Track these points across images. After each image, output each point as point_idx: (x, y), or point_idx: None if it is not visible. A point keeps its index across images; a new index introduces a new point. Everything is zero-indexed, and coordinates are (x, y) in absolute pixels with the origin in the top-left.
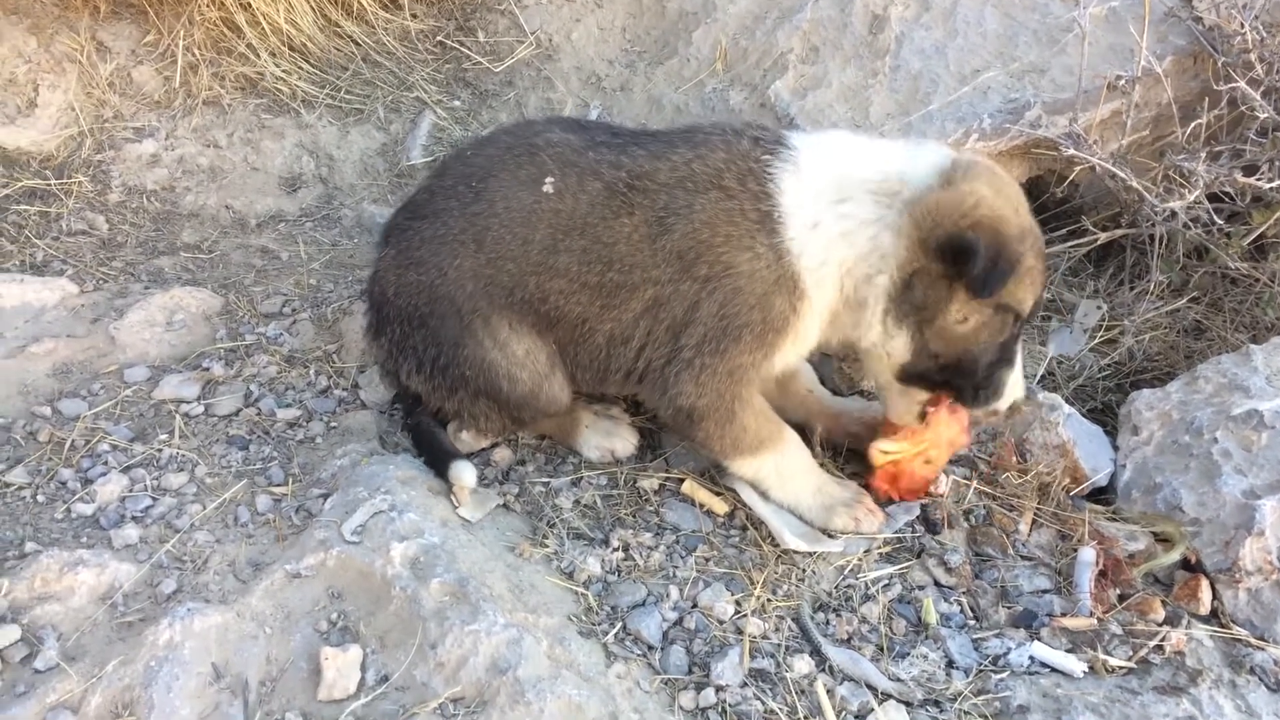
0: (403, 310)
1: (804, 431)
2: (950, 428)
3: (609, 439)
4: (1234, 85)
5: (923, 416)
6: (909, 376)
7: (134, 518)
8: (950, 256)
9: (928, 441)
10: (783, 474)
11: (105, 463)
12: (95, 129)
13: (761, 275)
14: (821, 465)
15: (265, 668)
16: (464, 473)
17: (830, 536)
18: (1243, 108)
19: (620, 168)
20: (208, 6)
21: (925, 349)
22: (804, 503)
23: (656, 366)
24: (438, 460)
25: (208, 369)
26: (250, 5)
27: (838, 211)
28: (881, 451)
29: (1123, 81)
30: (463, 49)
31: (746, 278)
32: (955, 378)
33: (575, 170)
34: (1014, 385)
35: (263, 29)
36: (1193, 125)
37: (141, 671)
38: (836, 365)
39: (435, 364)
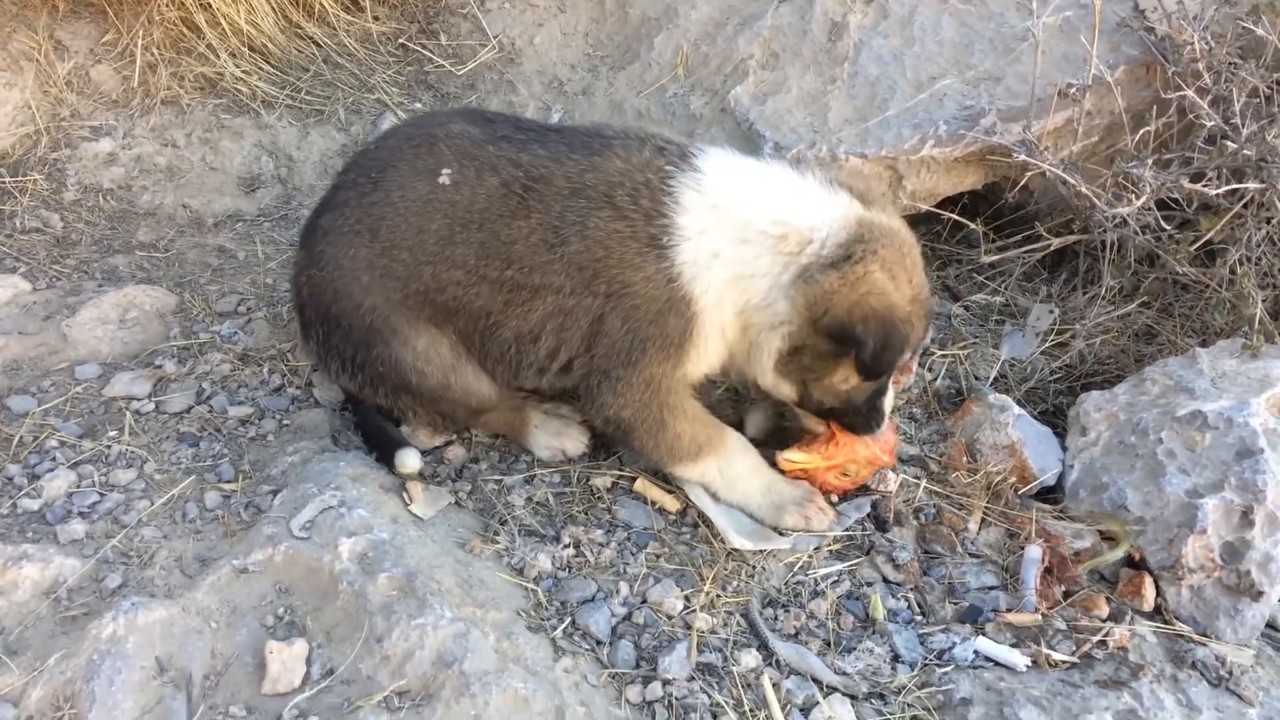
0: (318, 311)
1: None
2: (869, 448)
3: (559, 438)
4: (1182, 94)
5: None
6: (800, 408)
7: (80, 513)
8: (838, 341)
9: (842, 457)
10: (728, 477)
11: (53, 459)
12: (52, 127)
13: (654, 295)
14: None
15: (210, 662)
16: (408, 458)
17: (781, 534)
18: (1191, 116)
19: (519, 166)
20: (167, 6)
21: (810, 396)
22: (753, 503)
23: (579, 374)
24: (384, 449)
25: (160, 367)
26: (210, 5)
27: (737, 254)
28: (788, 460)
29: (1074, 90)
30: (425, 52)
31: (641, 297)
32: (841, 417)
33: (474, 163)
34: (889, 403)
35: (223, 29)
36: (1141, 133)
37: (84, 665)
38: None
39: (354, 362)
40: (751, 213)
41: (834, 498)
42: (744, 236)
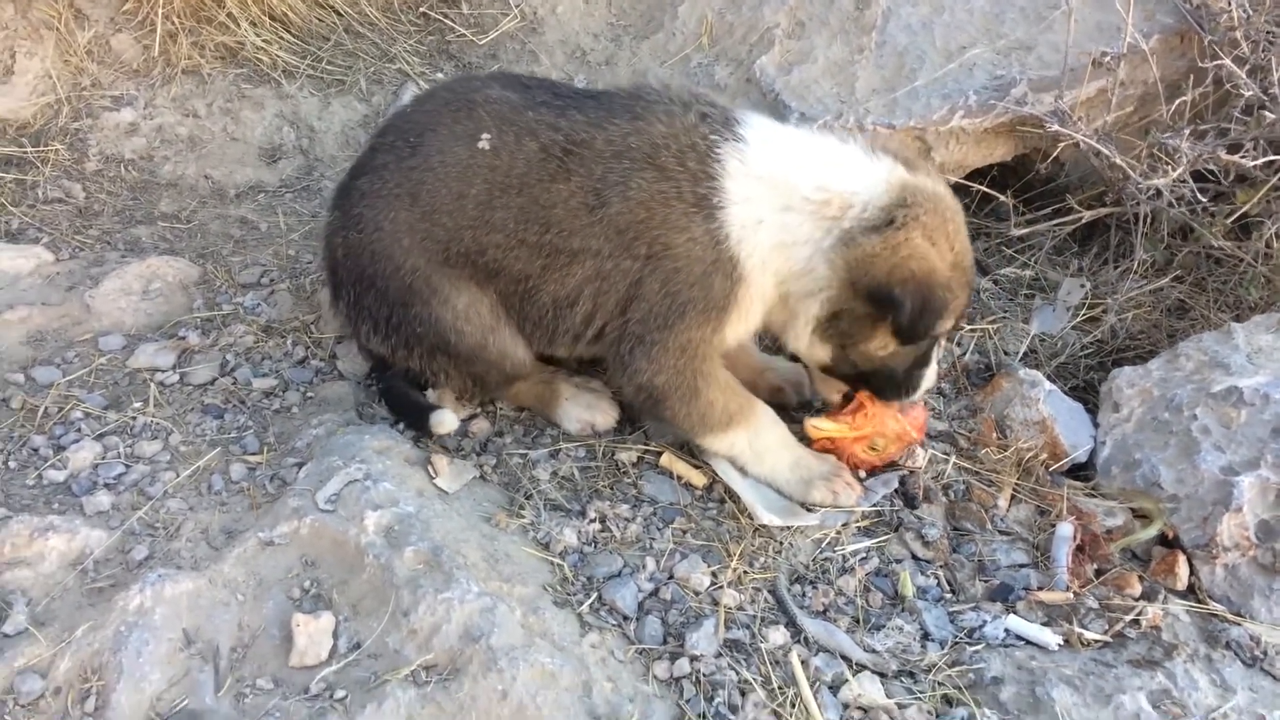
0: (352, 272)
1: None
2: (898, 422)
3: (589, 411)
4: (1219, 63)
5: (849, 399)
6: (831, 373)
7: (106, 485)
8: (876, 304)
9: (871, 429)
10: (757, 450)
11: (78, 430)
12: (73, 97)
13: (699, 257)
14: None
15: (237, 634)
16: (445, 417)
17: (808, 510)
18: (1228, 86)
19: (558, 130)
20: None
21: (846, 360)
22: (781, 477)
23: (611, 341)
24: (416, 415)
25: (184, 338)
26: None
27: (780, 220)
28: (815, 427)
29: (1108, 59)
30: (446, 21)
31: (685, 259)
32: (874, 382)
33: (513, 129)
34: (928, 378)
35: None
36: (1177, 103)
37: (111, 637)
38: None
39: (389, 323)
40: (794, 180)
41: (861, 473)
42: (787, 204)
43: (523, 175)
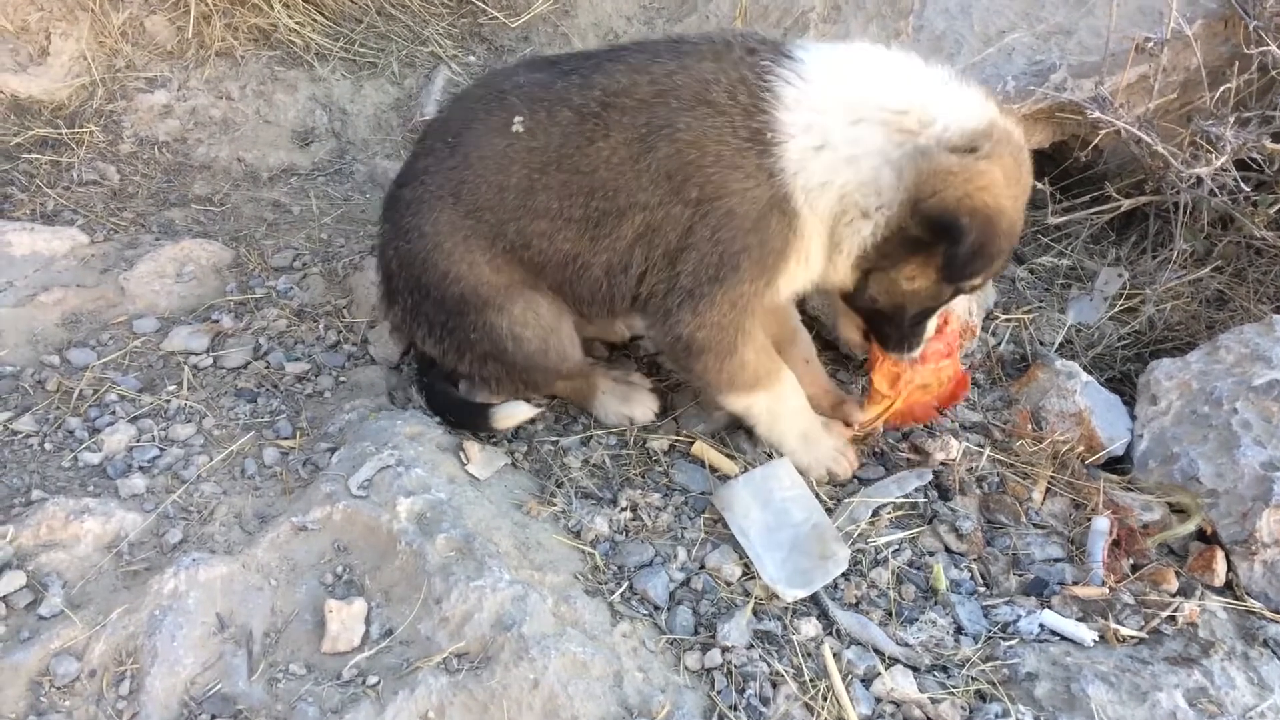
0: (408, 281)
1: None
2: (922, 372)
3: (626, 405)
4: (1264, 49)
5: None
6: (848, 303)
7: (141, 468)
8: (934, 229)
9: (906, 391)
10: (774, 413)
11: (113, 413)
12: (107, 78)
13: (754, 196)
14: None
15: (270, 619)
16: (518, 409)
17: (828, 560)
18: (1273, 72)
19: (592, 87)
20: None
21: (864, 290)
22: (788, 444)
23: (658, 294)
24: (474, 413)
25: (217, 321)
26: None
27: (849, 134)
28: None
29: (1151, 44)
30: (479, 3)
31: (739, 199)
32: (882, 323)
33: (544, 104)
34: (929, 330)
35: None
36: (1221, 90)
37: (145, 620)
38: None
39: (444, 329)
40: (868, 92)
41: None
42: (857, 117)
43: (559, 148)
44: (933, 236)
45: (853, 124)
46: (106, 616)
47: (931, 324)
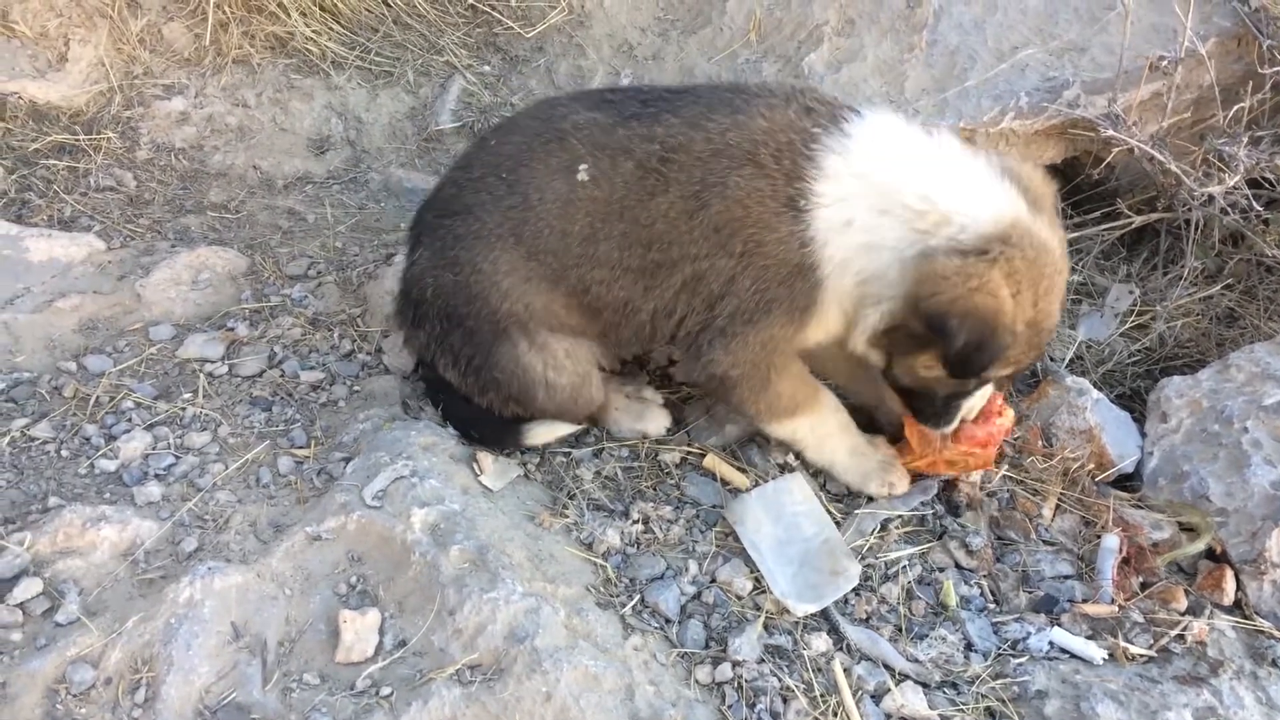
0: (441, 310)
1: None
2: (951, 449)
3: (640, 422)
4: (1278, 68)
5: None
6: (883, 376)
7: (157, 475)
8: (931, 328)
9: (931, 456)
10: (819, 435)
11: (129, 420)
12: (125, 85)
13: (785, 259)
14: None
15: (284, 628)
16: (556, 425)
17: (841, 575)
18: None
19: (653, 140)
20: None
21: (891, 372)
22: (839, 463)
23: (692, 332)
24: (503, 430)
25: (232, 329)
26: None
27: (871, 222)
28: None
29: (1165, 62)
30: (494, 13)
31: (773, 259)
32: (913, 400)
33: (607, 153)
34: (968, 409)
35: None
36: (1235, 109)
37: (161, 628)
38: None
39: (470, 363)
40: (898, 183)
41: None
42: (884, 206)
43: (622, 199)
44: (931, 334)
45: (878, 212)
46: (122, 624)
47: (970, 405)
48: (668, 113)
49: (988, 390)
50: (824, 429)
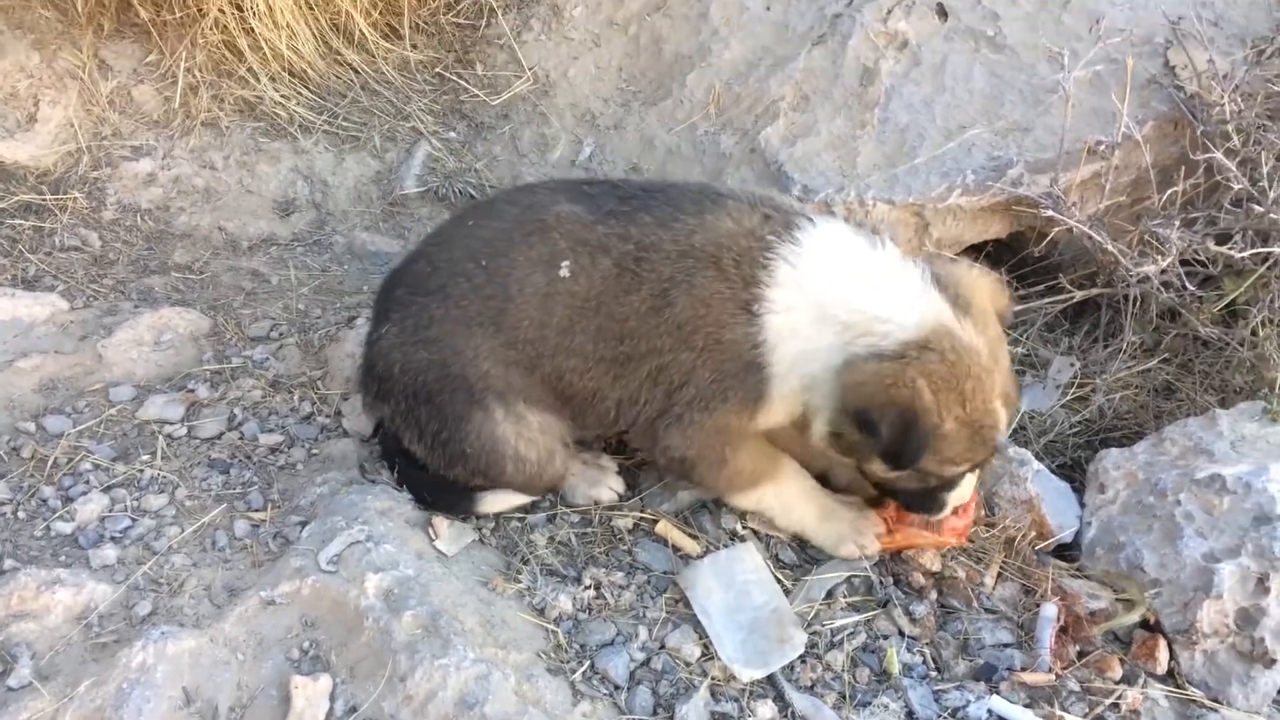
0: (409, 386)
1: (826, 478)
2: (926, 537)
3: (595, 489)
4: (1211, 155)
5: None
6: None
7: (113, 538)
8: (859, 426)
9: (903, 540)
10: (784, 502)
11: (87, 482)
12: (93, 146)
13: (739, 355)
14: None
15: (236, 694)
16: (511, 495)
17: (787, 643)
18: (1219, 177)
19: (629, 239)
20: (211, 29)
21: (863, 473)
22: (809, 528)
23: (649, 417)
24: (458, 497)
25: (193, 391)
26: (253, 30)
27: (811, 331)
28: None
29: (1102, 147)
30: (461, 81)
31: (729, 355)
32: (896, 496)
33: (588, 249)
34: (955, 500)
35: (264, 54)
36: (1169, 192)
37: (113, 693)
38: None
39: (437, 438)
40: (834, 295)
41: None
42: (822, 317)
43: (600, 295)
44: (862, 433)
45: (817, 322)
46: (75, 689)
47: (957, 495)
48: (642, 211)
49: (971, 481)
50: (788, 495)
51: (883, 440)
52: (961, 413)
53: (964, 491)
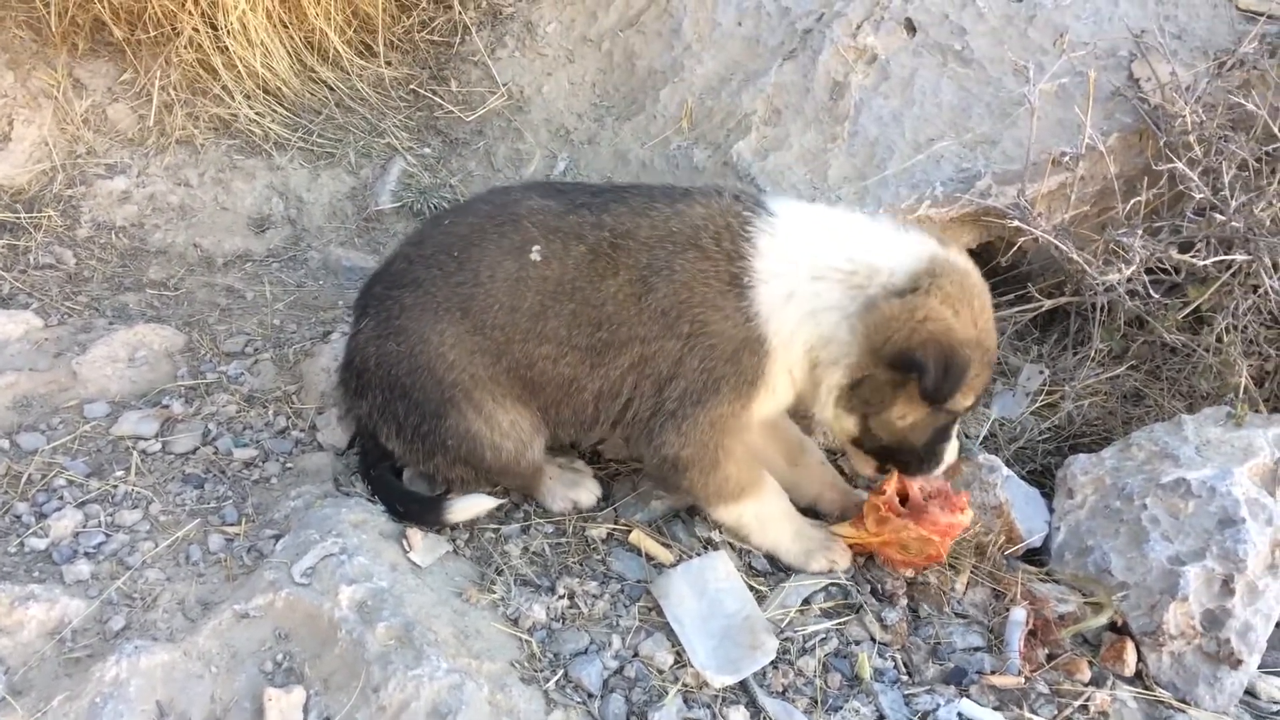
0: (384, 379)
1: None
2: (909, 530)
3: (574, 490)
4: (1173, 165)
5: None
6: (858, 446)
7: (86, 553)
8: (901, 368)
9: (888, 534)
10: (762, 520)
11: (61, 497)
12: (68, 164)
13: (730, 335)
14: None
15: (209, 707)
16: (478, 501)
17: (758, 649)
18: (1181, 186)
19: (603, 227)
20: (185, 48)
21: (869, 432)
22: (782, 546)
23: (642, 418)
24: (427, 506)
25: (167, 406)
26: (227, 48)
27: (811, 289)
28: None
29: (1066, 158)
30: (435, 98)
31: (718, 336)
32: (897, 454)
33: (559, 235)
34: (950, 451)
35: (238, 71)
36: (1133, 202)
37: (87, 707)
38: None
39: (416, 431)
40: (825, 251)
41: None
42: (817, 274)
43: (574, 280)
44: (901, 375)
45: (813, 279)
46: (48, 704)
47: (952, 446)
48: (615, 202)
49: (957, 433)
50: (767, 513)
51: (929, 377)
52: (974, 334)
53: (954, 445)
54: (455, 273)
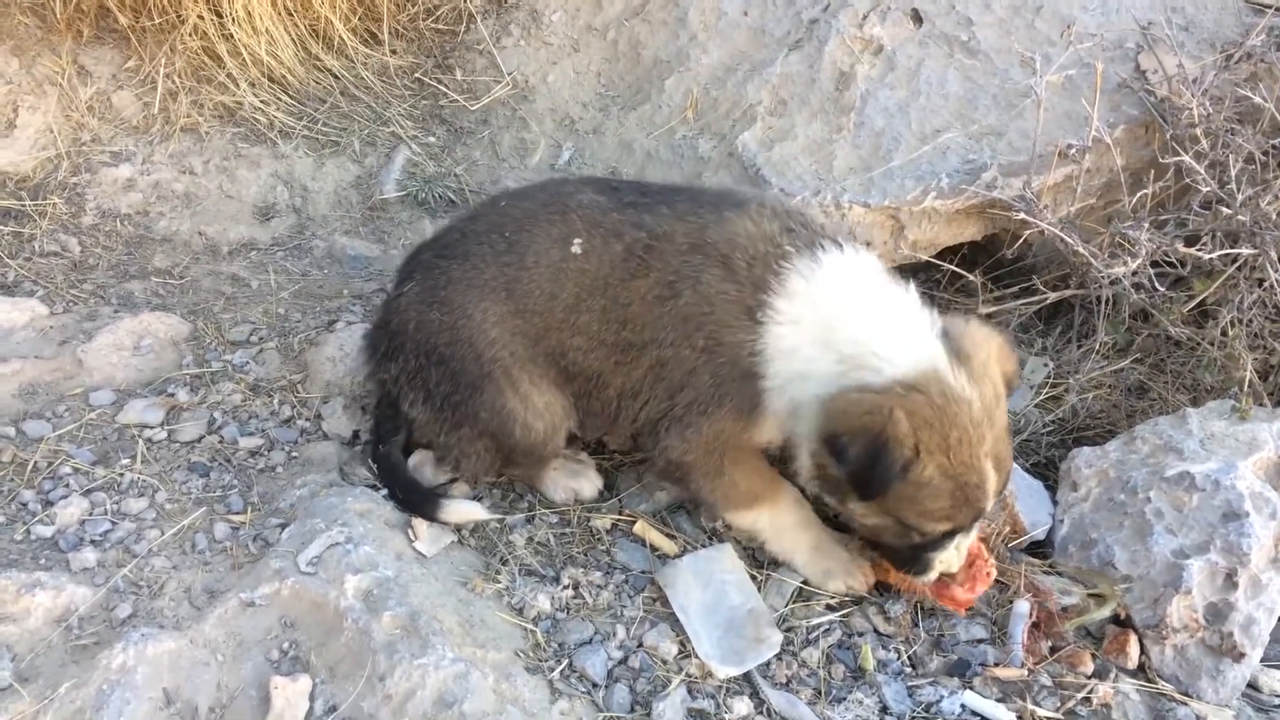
0: (421, 345)
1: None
2: (925, 592)
3: (575, 480)
4: (1180, 158)
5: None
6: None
7: (93, 541)
8: (829, 452)
9: (907, 585)
10: (778, 528)
11: (67, 485)
12: (72, 152)
13: (737, 361)
14: None
15: (215, 695)
16: (471, 509)
17: (764, 641)
18: (1188, 179)
19: (641, 228)
20: (190, 35)
21: (849, 516)
22: (799, 558)
23: (652, 420)
24: (423, 499)
25: (173, 395)
26: (232, 36)
27: (811, 353)
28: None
29: (1073, 150)
30: (440, 86)
31: (729, 358)
32: (880, 548)
33: (600, 231)
34: (945, 563)
35: (243, 59)
36: (1139, 195)
37: (94, 695)
38: None
39: (447, 400)
40: (841, 321)
41: None
42: (824, 339)
43: (606, 276)
44: (831, 460)
45: (819, 344)
46: (55, 690)
47: (944, 559)
48: (661, 204)
49: (963, 548)
50: (782, 522)
51: (849, 464)
52: (945, 461)
53: (952, 557)
54: (505, 253)
